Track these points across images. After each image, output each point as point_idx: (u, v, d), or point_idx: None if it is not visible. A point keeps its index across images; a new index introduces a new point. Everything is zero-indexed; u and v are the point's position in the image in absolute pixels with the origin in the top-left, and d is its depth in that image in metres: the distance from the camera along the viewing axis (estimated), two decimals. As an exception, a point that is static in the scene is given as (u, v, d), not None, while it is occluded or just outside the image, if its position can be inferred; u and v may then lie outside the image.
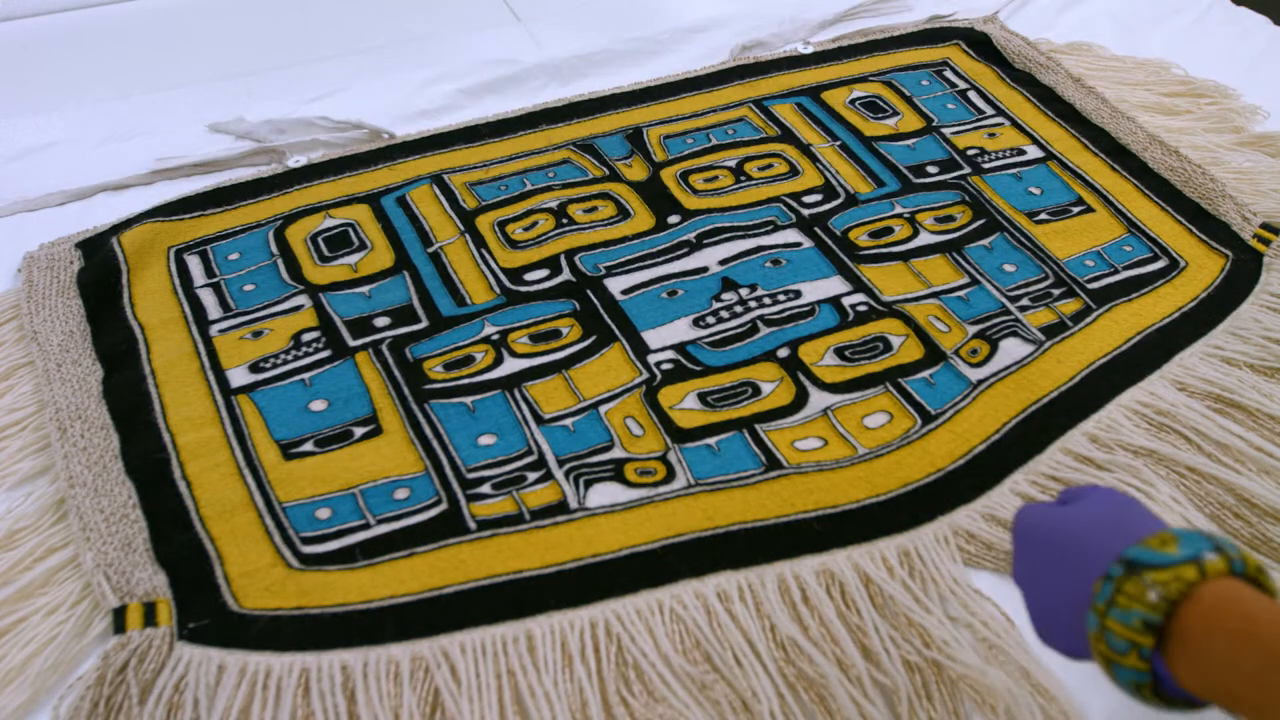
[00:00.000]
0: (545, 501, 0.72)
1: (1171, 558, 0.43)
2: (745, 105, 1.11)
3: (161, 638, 0.64)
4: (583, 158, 1.03)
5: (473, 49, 1.19)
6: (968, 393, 0.80)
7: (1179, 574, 0.42)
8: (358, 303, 0.87)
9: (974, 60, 1.18)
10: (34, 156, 1.01)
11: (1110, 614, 0.43)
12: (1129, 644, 0.43)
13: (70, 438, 0.74)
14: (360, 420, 0.77)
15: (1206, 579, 0.42)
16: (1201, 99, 1.12)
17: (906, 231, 0.95)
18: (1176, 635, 0.42)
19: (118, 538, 0.68)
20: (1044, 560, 0.49)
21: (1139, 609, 0.42)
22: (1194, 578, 0.42)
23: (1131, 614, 0.42)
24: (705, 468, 0.75)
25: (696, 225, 0.95)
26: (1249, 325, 0.86)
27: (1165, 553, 0.43)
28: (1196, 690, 0.42)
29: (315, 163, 1.01)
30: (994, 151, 1.05)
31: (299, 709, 0.60)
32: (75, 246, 0.91)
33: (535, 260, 0.91)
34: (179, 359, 0.82)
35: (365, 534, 0.70)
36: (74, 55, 1.20)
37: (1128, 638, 0.43)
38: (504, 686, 0.61)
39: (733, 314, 0.86)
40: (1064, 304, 0.88)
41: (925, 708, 0.61)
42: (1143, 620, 0.42)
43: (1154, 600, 0.42)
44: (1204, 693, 0.41)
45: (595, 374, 0.81)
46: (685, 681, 0.62)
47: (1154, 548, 0.44)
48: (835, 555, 0.69)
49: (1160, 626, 0.42)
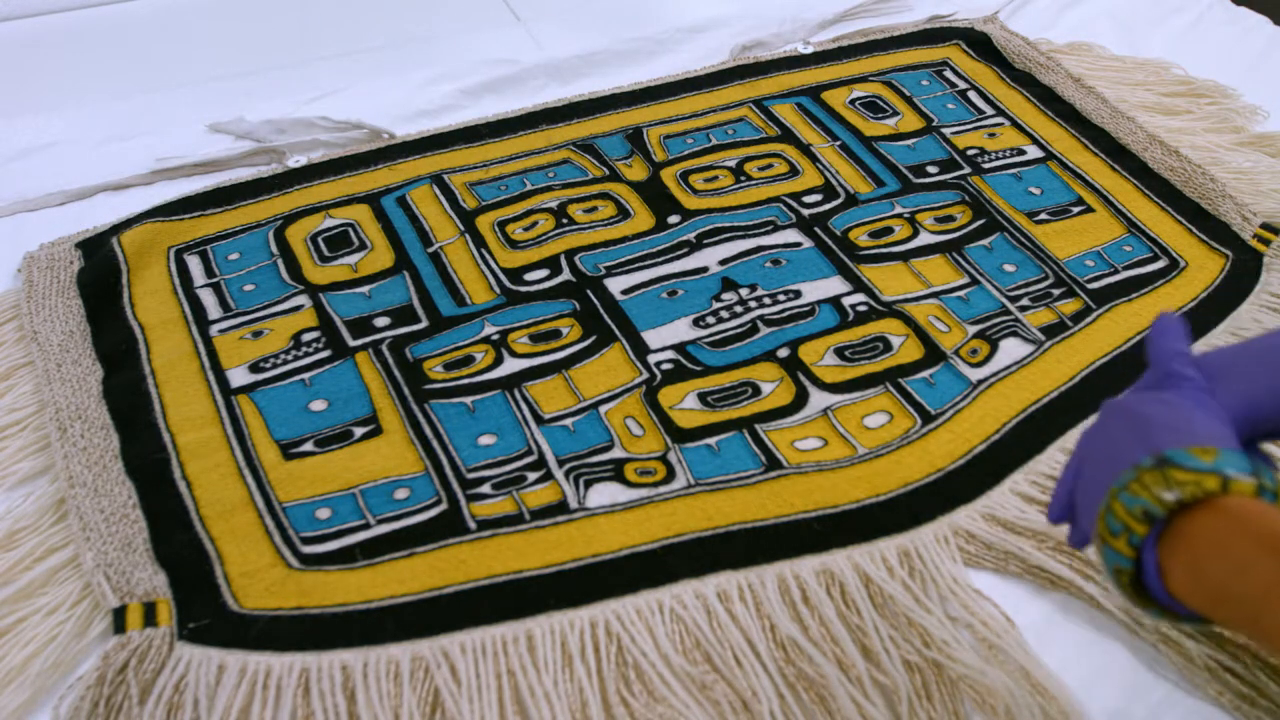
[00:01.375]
0: (545, 501, 0.72)
1: (1202, 464, 0.42)
2: (745, 105, 1.11)
3: (161, 638, 0.64)
4: (583, 158, 1.03)
5: (473, 49, 1.19)
6: (968, 393, 0.80)
7: (1200, 480, 0.42)
8: (358, 303, 0.87)
9: (974, 60, 1.18)
10: (34, 156, 1.01)
11: (1120, 496, 0.44)
12: (1123, 527, 0.43)
13: (70, 438, 0.74)
14: (360, 420, 0.78)
15: (1228, 493, 0.41)
16: (1201, 99, 1.12)
17: (906, 231, 0.95)
18: (1185, 535, 0.42)
19: (118, 538, 0.68)
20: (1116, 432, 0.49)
21: (1146, 498, 0.43)
22: (1214, 488, 0.42)
23: (1138, 500, 0.43)
24: (705, 468, 0.75)
25: (696, 225, 0.95)
26: (1249, 325, 0.86)
27: (1200, 459, 0.43)
28: (1185, 593, 0.42)
29: (315, 163, 1.01)
30: (994, 151, 1.05)
31: (299, 709, 0.60)
32: (75, 246, 0.91)
33: (535, 260, 0.91)
34: (179, 359, 0.82)
35: (365, 534, 0.70)
36: (74, 55, 1.20)
37: (1125, 521, 0.43)
38: (504, 686, 0.61)
39: (733, 314, 0.86)
40: (1064, 304, 0.88)
41: (925, 708, 0.61)
42: (1144, 509, 0.42)
43: (1164, 496, 0.42)
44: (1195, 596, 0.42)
45: (595, 374, 0.81)
46: (685, 681, 0.62)
47: (1194, 453, 0.43)
48: (835, 555, 0.69)
49: (1161, 519, 0.42)
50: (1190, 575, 0.42)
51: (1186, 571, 0.42)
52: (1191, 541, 0.42)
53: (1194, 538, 0.42)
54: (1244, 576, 0.40)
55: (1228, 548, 0.40)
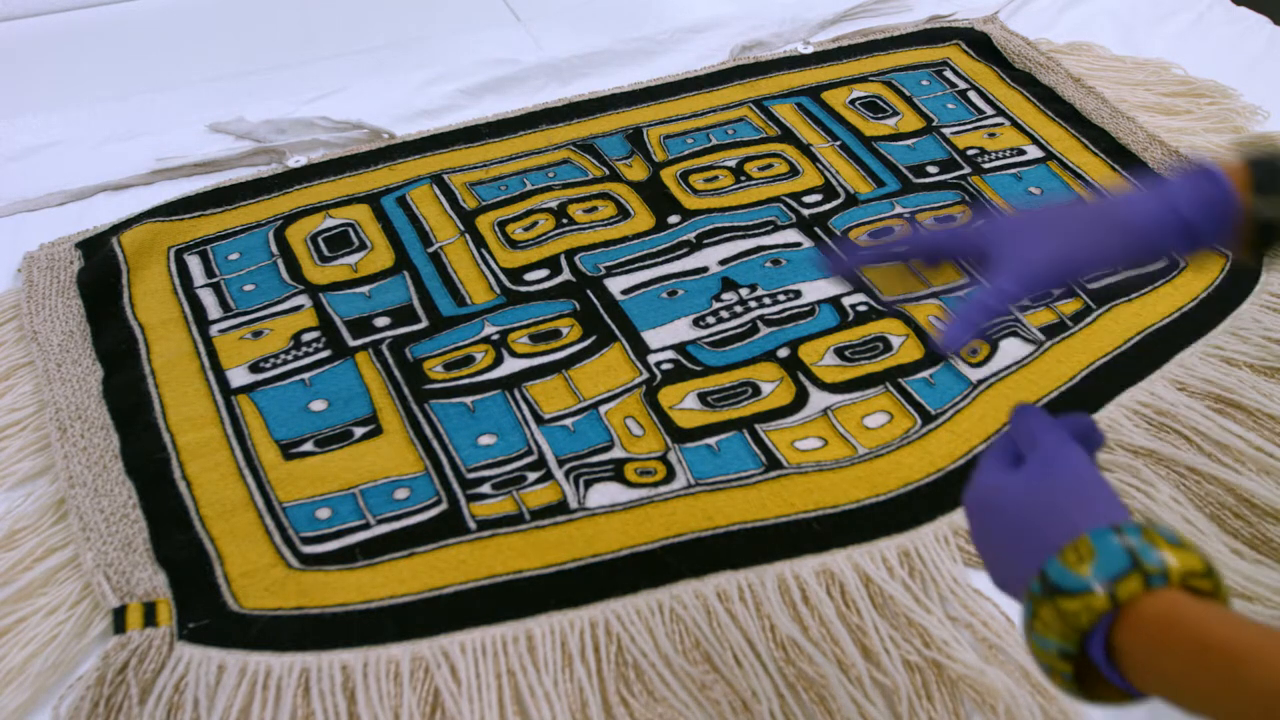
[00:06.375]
0: (545, 501, 0.72)
1: (1082, 582, 0.41)
2: (745, 105, 1.11)
3: (161, 638, 0.64)
4: (583, 158, 1.03)
5: (473, 49, 1.19)
6: (968, 393, 0.80)
7: (1088, 604, 0.40)
8: (358, 303, 0.87)
9: (974, 60, 1.18)
10: (34, 156, 1.01)
11: (1031, 638, 0.43)
12: (1049, 668, 0.42)
13: (70, 438, 0.74)
14: (360, 420, 0.77)
15: (1119, 605, 0.40)
16: (1201, 99, 1.12)
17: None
18: (1117, 649, 0.41)
19: (118, 538, 0.68)
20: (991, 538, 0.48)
21: (1053, 638, 0.41)
22: (1104, 607, 0.40)
23: (1048, 642, 0.42)
24: (705, 468, 0.75)
25: (696, 225, 0.95)
26: (1249, 325, 0.86)
27: (1077, 574, 0.41)
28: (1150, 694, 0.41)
29: (315, 163, 1.01)
30: (994, 151, 1.05)
31: (299, 709, 0.60)
32: (75, 246, 0.91)
33: (535, 260, 0.91)
34: (179, 359, 0.82)
35: (365, 534, 0.70)
36: (74, 55, 1.20)
37: (1048, 663, 0.42)
38: (504, 686, 0.61)
39: (733, 314, 0.86)
40: (1064, 304, 0.88)
41: (925, 708, 0.61)
42: (1058, 650, 0.41)
43: (1065, 630, 0.41)
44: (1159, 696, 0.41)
45: (595, 374, 0.81)
46: (685, 681, 0.62)
47: (1069, 565, 0.41)
48: (835, 555, 0.69)
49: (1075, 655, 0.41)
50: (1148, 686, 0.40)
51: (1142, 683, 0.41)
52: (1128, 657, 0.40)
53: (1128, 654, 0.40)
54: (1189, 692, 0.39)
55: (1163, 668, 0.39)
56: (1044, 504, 0.46)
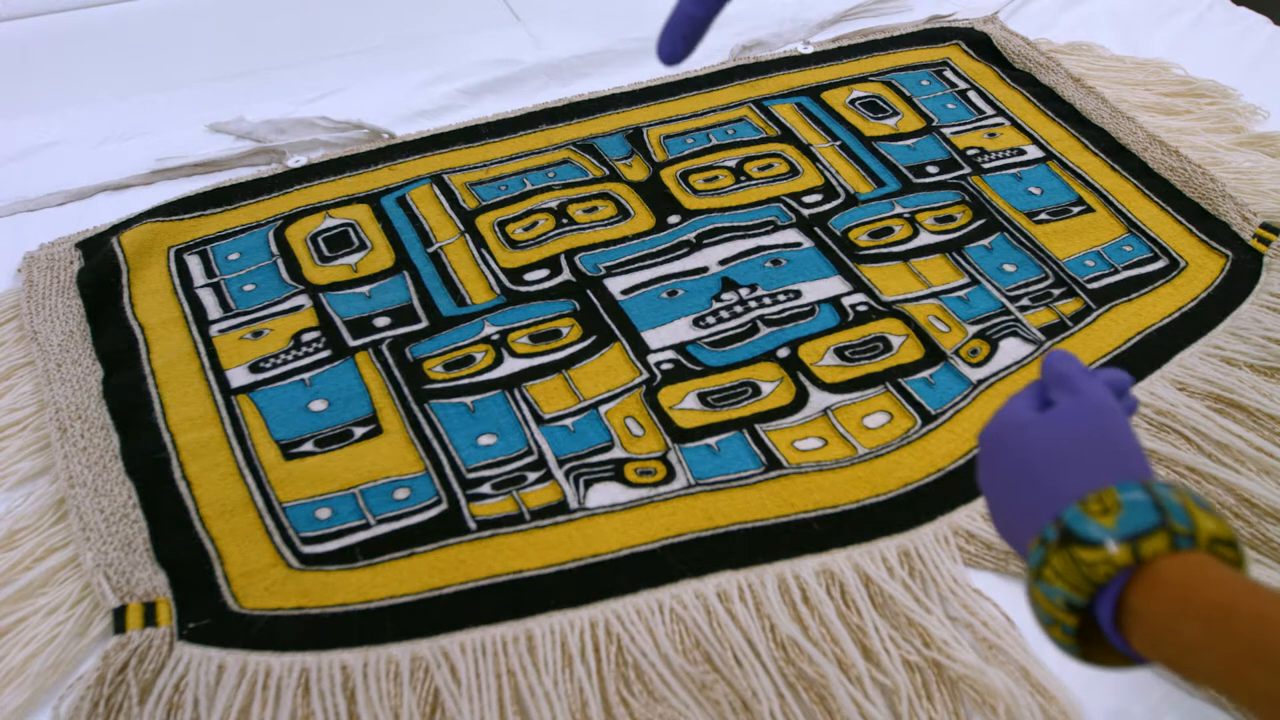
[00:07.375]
0: (545, 501, 0.72)
1: (1105, 533, 0.39)
2: (745, 105, 1.11)
3: (161, 638, 0.64)
4: (583, 158, 1.03)
5: (473, 49, 1.19)
6: (968, 393, 0.80)
7: (1109, 558, 0.38)
8: (358, 303, 0.87)
9: (974, 60, 1.18)
10: (34, 156, 1.01)
11: (1037, 584, 0.40)
12: (1052, 619, 0.40)
13: (70, 438, 0.74)
14: (360, 420, 0.78)
15: (1142, 562, 0.38)
16: (1201, 99, 1.12)
17: (906, 231, 0.95)
18: (1130, 610, 0.39)
19: (118, 538, 0.68)
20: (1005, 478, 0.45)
21: (1062, 587, 0.39)
22: (1125, 561, 0.38)
23: (1055, 590, 0.39)
24: (705, 468, 0.75)
25: (696, 225, 0.95)
26: (1249, 325, 0.86)
27: (1101, 524, 0.39)
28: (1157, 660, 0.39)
29: (315, 163, 1.01)
30: (994, 151, 1.05)
31: (299, 709, 0.60)
32: (75, 246, 0.91)
33: (535, 260, 0.91)
34: (179, 359, 0.82)
35: (365, 534, 0.70)
36: (74, 55, 1.20)
37: (1050, 613, 0.40)
38: (504, 686, 0.61)
39: (733, 314, 0.86)
40: (1064, 304, 0.88)
41: (925, 708, 0.61)
42: (1065, 600, 0.39)
43: (1078, 581, 0.39)
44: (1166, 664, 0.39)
45: (595, 374, 0.81)
46: (685, 681, 0.62)
47: (1093, 514, 0.39)
48: (835, 555, 0.69)
49: (1081, 609, 0.39)
50: (1156, 652, 0.39)
51: (1149, 648, 0.39)
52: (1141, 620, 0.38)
53: (1141, 616, 0.38)
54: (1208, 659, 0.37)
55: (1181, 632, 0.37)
56: (1069, 449, 0.43)
